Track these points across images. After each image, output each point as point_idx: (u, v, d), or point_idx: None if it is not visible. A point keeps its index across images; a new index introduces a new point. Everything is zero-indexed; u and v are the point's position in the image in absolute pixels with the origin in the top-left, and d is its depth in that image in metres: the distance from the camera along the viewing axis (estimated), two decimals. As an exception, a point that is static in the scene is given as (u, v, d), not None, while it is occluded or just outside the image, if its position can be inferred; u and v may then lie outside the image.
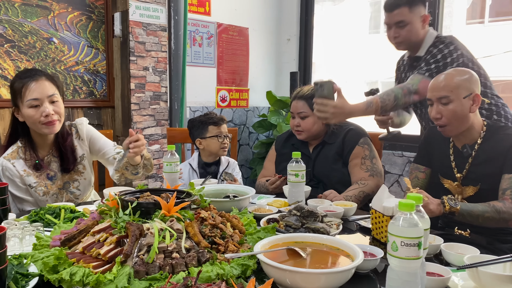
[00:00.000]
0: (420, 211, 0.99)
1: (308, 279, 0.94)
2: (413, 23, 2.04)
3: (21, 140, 1.82)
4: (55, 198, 1.86)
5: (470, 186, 1.76)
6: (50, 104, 1.74)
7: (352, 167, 2.08)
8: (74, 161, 1.90)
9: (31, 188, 1.80)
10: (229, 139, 2.36)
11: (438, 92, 1.69)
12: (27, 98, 1.70)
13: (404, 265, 0.90)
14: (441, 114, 1.69)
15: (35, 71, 1.78)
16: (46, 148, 1.87)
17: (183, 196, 1.26)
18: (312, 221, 1.33)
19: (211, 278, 0.96)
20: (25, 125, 1.79)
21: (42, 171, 1.83)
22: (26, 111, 1.71)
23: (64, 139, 1.87)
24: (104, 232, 1.09)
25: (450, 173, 1.81)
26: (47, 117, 1.71)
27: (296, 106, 2.15)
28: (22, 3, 2.57)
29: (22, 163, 1.79)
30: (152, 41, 2.91)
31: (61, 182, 1.90)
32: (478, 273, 1.02)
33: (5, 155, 1.79)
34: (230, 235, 1.15)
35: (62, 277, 0.95)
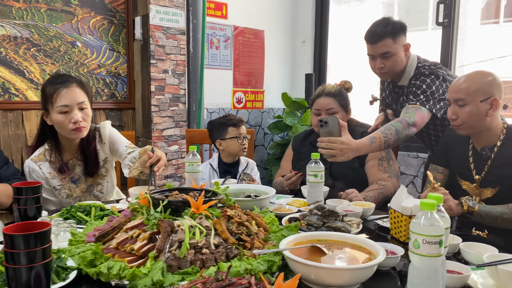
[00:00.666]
0: (441, 211, 1.02)
1: (332, 275, 0.98)
2: (397, 53, 2.07)
3: (48, 143, 1.88)
4: (78, 200, 1.91)
5: (489, 188, 1.77)
6: (79, 111, 1.79)
7: (369, 167, 2.11)
8: (96, 165, 1.95)
9: (55, 190, 1.87)
10: (248, 140, 2.41)
11: (455, 94, 1.71)
12: (57, 104, 1.75)
13: (425, 262, 0.94)
14: (457, 115, 1.72)
15: (67, 77, 1.84)
16: (71, 152, 1.92)
17: (209, 195, 1.32)
18: (333, 220, 1.37)
19: (240, 273, 1.01)
20: (53, 129, 1.85)
21: (67, 174, 1.89)
22: (56, 116, 1.77)
23: (89, 143, 1.92)
24: (136, 228, 1.15)
25: (469, 175, 1.83)
26: (76, 123, 1.77)
27: (324, 103, 2.18)
28: (48, 9, 2.67)
29: (48, 166, 1.85)
30: (172, 44, 2.98)
31: (85, 186, 1.95)
32: (497, 271, 1.06)
33: (32, 157, 1.85)
34: (255, 232, 1.20)
35: (101, 270, 1.01)
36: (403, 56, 2.11)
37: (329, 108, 2.16)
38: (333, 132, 1.76)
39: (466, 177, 1.85)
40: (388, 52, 2.06)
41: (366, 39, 2.13)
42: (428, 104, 1.99)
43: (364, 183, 2.10)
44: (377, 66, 2.12)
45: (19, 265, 0.86)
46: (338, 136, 1.76)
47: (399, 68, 2.12)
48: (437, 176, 2.00)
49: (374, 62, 2.13)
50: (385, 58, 2.08)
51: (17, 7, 2.56)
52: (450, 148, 1.95)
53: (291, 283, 0.87)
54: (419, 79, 2.07)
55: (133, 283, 0.98)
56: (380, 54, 2.08)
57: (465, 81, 1.71)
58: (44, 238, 0.89)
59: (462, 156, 1.87)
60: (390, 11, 11.83)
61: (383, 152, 2.13)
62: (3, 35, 2.53)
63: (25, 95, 2.63)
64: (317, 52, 4.17)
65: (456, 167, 1.90)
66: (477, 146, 1.82)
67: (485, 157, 1.78)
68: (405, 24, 2.12)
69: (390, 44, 2.05)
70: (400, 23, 2.09)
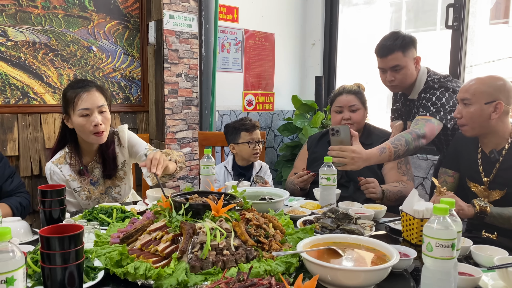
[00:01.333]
0: (453, 215, 1.07)
1: (348, 276, 1.02)
2: (407, 66, 2.11)
3: (68, 146, 1.94)
4: (96, 202, 1.97)
5: (497, 190, 1.81)
6: (99, 114, 1.85)
7: (388, 170, 2.16)
8: (115, 167, 2.01)
9: (75, 192, 1.93)
10: (261, 145, 2.45)
11: (463, 93, 1.78)
12: (78, 107, 1.82)
13: (438, 264, 0.98)
14: (461, 114, 1.77)
15: (87, 82, 1.91)
16: (91, 155, 1.99)
17: (228, 198, 1.37)
18: (346, 223, 1.42)
19: (260, 274, 1.05)
20: (73, 132, 1.91)
21: (86, 177, 1.95)
22: (77, 119, 1.84)
23: (108, 146, 1.98)
24: (159, 230, 1.21)
25: (477, 177, 1.87)
26: (96, 127, 1.83)
27: (346, 100, 2.24)
28: (65, 14, 2.74)
29: (68, 168, 1.91)
30: (184, 48, 3.04)
31: (103, 188, 2.01)
32: (507, 273, 1.09)
33: (53, 160, 1.92)
34: (273, 235, 1.25)
35: (128, 270, 1.06)
36: (413, 69, 2.14)
37: (352, 104, 2.23)
38: (344, 141, 1.79)
39: (475, 179, 1.88)
40: (398, 65, 2.10)
41: (376, 52, 2.17)
42: (438, 115, 2.02)
43: (381, 184, 2.15)
44: (388, 79, 2.16)
45: (54, 265, 0.92)
46: (349, 145, 1.78)
47: (409, 81, 2.16)
48: (447, 180, 2.04)
49: (384, 75, 2.17)
50: (395, 71, 2.12)
51: (36, 13, 2.63)
52: (460, 151, 1.98)
53: (310, 283, 0.92)
54: (428, 92, 2.10)
55: (159, 282, 1.04)
56: (390, 67, 2.12)
57: (475, 83, 1.77)
58: (77, 240, 0.94)
59: (471, 159, 1.91)
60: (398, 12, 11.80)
61: None
62: (22, 40, 2.60)
63: (43, 99, 2.71)
64: (326, 55, 4.21)
65: (466, 170, 1.94)
66: (486, 149, 1.86)
67: (493, 159, 1.81)
68: (415, 37, 2.15)
69: (400, 57, 2.09)
70: (410, 36, 2.13)
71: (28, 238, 1.43)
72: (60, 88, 2.76)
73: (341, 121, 2.23)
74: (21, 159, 2.60)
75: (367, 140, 2.23)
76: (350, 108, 2.23)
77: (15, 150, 2.57)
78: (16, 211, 1.94)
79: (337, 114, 2.26)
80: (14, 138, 2.57)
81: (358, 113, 2.23)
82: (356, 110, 2.23)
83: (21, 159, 2.60)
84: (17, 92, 2.61)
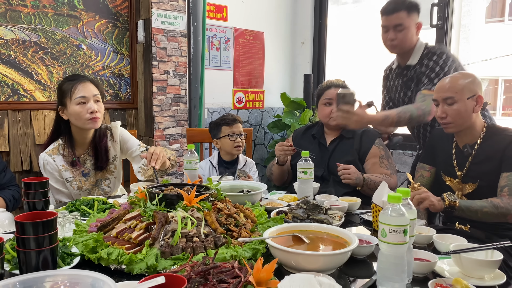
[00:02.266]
0: (409, 204, 1.13)
1: (309, 260, 1.09)
2: (409, 28, 2.21)
3: (62, 138, 2.04)
4: (87, 193, 2.05)
5: (470, 183, 1.88)
6: (94, 103, 1.97)
7: (370, 165, 2.23)
8: (106, 161, 2.10)
9: (67, 182, 2.01)
10: (243, 138, 2.51)
11: (444, 93, 1.81)
12: (75, 96, 1.93)
13: (391, 249, 1.04)
14: (446, 114, 1.81)
15: (82, 75, 2.06)
16: (83, 147, 2.07)
17: (202, 189, 1.43)
18: (316, 213, 1.48)
19: (226, 259, 1.12)
20: (67, 124, 2.01)
21: (78, 168, 2.03)
22: (74, 108, 1.94)
23: (100, 139, 2.08)
24: (134, 219, 1.27)
25: (452, 171, 1.94)
26: (92, 113, 1.94)
27: (335, 93, 2.28)
28: (55, 13, 2.79)
29: (61, 159, 2.00)
30: (173, 46, 3.09)
31: (94, 179, 2.09)
32: (461, 258, 1.16)
33: (47, 151, 2.01)
34: (243, 223, 1.31)
35: (101, 255, 1.13)
36: (414, 33, 2.24)
37: None
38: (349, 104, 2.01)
39: (449, 173, 1.95)
40: (401, 24, 2.20)
41: (382, 11, 2.27)
42: None
43: None
44: (389, 37, 2.24)
45: (29, 249, 0.98)
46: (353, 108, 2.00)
47: (409, 44, 2.25)
48: (424, 174, 2.11)
49: (386, 34, 2.26)
50: (398, 31, 2.21)
51: (25, 12, 2.68)
52: (436, 147, 2.05)
53: (269, 266, 0.98)
54: (431, 59, 2.18)
55: (130, 267, 1.10)
56: (394, 25, 2.21)
57: (451, 81, 1.82)
58: (51, 226, 1.00)
59: (446, 154, 1.97)
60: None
61: (382, 151, 2.25)
62: (12, 39, 2.66)
63: (33, 96, 2.76)
64: (316, 53, 4.27)
65: (441, 164, 2.01)
66: (460, 144, 1.92)
67: (466, 154, 1.88)
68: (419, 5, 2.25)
69: (404, 16, 2.19)
70: (416, 2, 2.23)
71: (12, 229, 1.49)
72: (50, 86, 2.82)
73: (330, 114, 2.30)
74: (11, 154, 2.66)
75: (348, 134, 2.30)
76: None
77: (5, 146, 2.63)
78: (9, 203, 2.03)
79: (326, 106, 2.33)
80: (4, 134, 2.63)
81: None
82: None
83: (11, 154, 2.66)
84: (7, 89, 2.67)
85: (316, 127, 2.46)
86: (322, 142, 2.35)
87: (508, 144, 1.78)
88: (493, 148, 1.82)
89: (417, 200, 1.62)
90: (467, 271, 1.15)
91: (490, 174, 1.81)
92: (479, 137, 1.86)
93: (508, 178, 1.76)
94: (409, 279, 1.12)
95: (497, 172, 1.80)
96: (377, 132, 2.34)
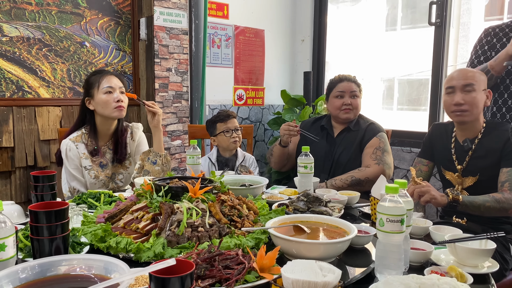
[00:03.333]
0: (406, 195, 1.17)
1: (310, 249, 1.13)
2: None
3: (85, 127, 2.13)
4: (102, 183, 2.13)
5: (470, 177, 1.93)
6: (120, 94, 2.08)
7: (364, 155, 2.30)
8: (124, 155, 2.19)
9: (86, 170, 2.08)
10: (239, 132, 2.54)
11: (464, 80, 1.86)
12: (103, 86, 2.05)
13: (389, 238, 1.09)
14: (464, 100, 1.86)
15: (107, 70, 2.20)
16: (105, 139, 2.16)
17: (206, 182, 1.47)
18: (317, 205, 1.52)
19: (230, 247, 1.16)
20: (92, 115, 2.11)
21: (97, 158, 2.11)
22: (101, 97, 2.05)
23: (122, 133, 2.17)
24: (141, 210, 1.31)
25: (451, 166, 1.99)
26: (118, 102, 2.05)
27: (348, 86, 2.37)
28: (58, 11, 2.83)
29: (83, 147, 2.09)
30: (175, 44, 3.13)
31: (110, 172, 2.17)
32: (455, 248, 1.21)
33: (70, 138, 2.09)
34: (246, 214, 1.35)
35: (110, 244, 1.17)
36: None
37: (353, 90, 2.37)
38: None
39: (449, 168, 2.01)
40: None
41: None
42: None
43: None
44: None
45: (42, 237, 1.02)
46: None
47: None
48: (422, 169, 2.16)
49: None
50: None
51: (29, 9, 2.72)
52: (435, 142, 2.10)
53: (272, 253, 1.03)
54: None
55: (138, 255, 1.15)
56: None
57: (471, 71, 1.89)
58: (62, 215, 1.05)
59: (445, 149, 2.03)
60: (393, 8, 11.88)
61: (382, 143, 2.30)
62: (17, 36, 2.70)
63: (38, 93, 2.80)
64: (315, 51, 4.31)
65: (441, 159, 2.06)
66: (460, 139, 1.98)
67: (466, 148, 1.93)
68: None
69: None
70: None
71: (21, 220, 1.54)
72: (54, 82, 2.86)
73: (341, 106, 2.35)
74: (16, 150, 2.70)
75: (355, 127, 2.37)
76: (351, 94, 2.37)
77: (10, 142, 2.67)
78: None
79: (338, 99, 2.38)
80: (9, 130, 2.67)
81: (357, 99, 2.38)
82: (356, 97, 2.37)
83: (16, 150, 2.70)
84: (12, 85, 2.71)
85: (324, 119, 2.51)
86: (331, 133, 2.43)
87: (507, 140, 1.84)
88: (492, 143, 1.88)
89: (418, 194, 1.67)
90: (462, 260, 1.20)
91: (489, 169, 1.86)
92: (479, 132, 1.92)
93: (508, 174, 1.81)
94: (406, 268, 1.16)
95: (496, 167, 1.85)
96: (381, 128, 2.40)
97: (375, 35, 11.07)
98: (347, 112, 2.36)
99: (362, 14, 8.95)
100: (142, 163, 2.10)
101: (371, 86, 10.51)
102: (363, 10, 9.24)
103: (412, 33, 11.65)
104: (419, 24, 11.53)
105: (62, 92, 2.90)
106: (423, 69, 9.95)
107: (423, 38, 10.12)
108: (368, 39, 10.83)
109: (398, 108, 11.88)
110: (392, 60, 10.63)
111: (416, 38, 11.83)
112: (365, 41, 11.08)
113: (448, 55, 3.39)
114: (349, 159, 2.32)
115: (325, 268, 0.90)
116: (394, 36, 11.39)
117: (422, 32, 11.48)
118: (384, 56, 10.73)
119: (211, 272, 0.99)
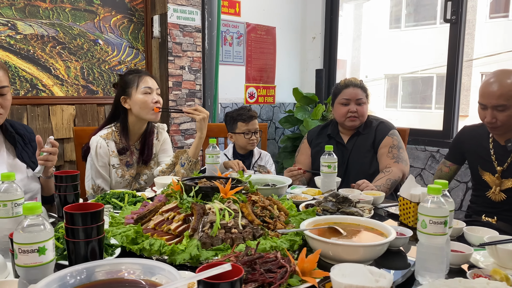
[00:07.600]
0: (446, 195, 1.14)
1: (348, 251, 1.10)
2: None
3: (115, 125, 2.10)
4: (126, 183, 2.10)
5: (510, 179, 1.89)
6: (157, 96, 2.08)
7: (380, 155, 2.25)
8: (150, 156, 2.17)
9: (113, 168, 2.06)
10: (259, 135, 2.51)
11: (495, 100, 1.78)
12: (142, 86, 2.04)
13: (431, 240, 1.06)
14: (496, 119, 1.80)
15: (144, 70, 2.20)
16: (133, 139, 2.14)
17: (234, 182, 1.45)
18: (346, 206, 1.49)
19: (266, 250, 1.13)
20: (125, 114, 2.08)
21: (124, 157, 2.09)
22: (139, 97, 2.03)
23: (149, 134, 2.16)
24: (171, 211, 1.29)
25: (490, 166, 1.94)
26: (156, 103, 2.05)
27: (354, 93, 2.30)
28: (72, 8, 2.80)
29: (113, 145, 2.06)
30: (188, 41, 3.10)
31: (135, 172, 2.14)
32: (497, 250, 1.17)
33: (101, 134, 2.06)
34: (277, 215, 1.33)
35: (144, 246, 1.14)
36: None
37: (359, 98, 2.30)
38: None
39: (487, 168, 1.95)
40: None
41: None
42: None
43: (377, 172, 2.22)
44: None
45: (78, 239, 1.00)
46: None
47: None
48: (443, 169, 2.15)
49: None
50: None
51: (43, 7, 2.69)
52: (465, 145, 2.06)
53: (313, 256, 1.00)
54: None
55: (172, 257, 1.12)
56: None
57: (499, 87, 1.77)
58: (98, 216, 1.02)
59: (483, 149, 1.97)
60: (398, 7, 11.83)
61: (395, 141, 2.26)
62: (31, 34, 2.67)
63: (51, 91, 2.78)
64: (327, 48, 4.27)
65: (477, 160, 2.00)
66: (500, 140, 1.92)
67: (509, 148, 1.88)
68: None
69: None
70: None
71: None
72: (68, 81, 2.83)
73: (347, 113, 2.29)
74: (30, 149, 2.68)
75: (364, 130, 2.32)
76: (357, 101, 2.29)
77: (24, 141, 2.64)
78: None
79: (343, 106, 2.32)
80: (23, 129, 2.64)
81: (363, 106, 2.30)
82: (362, 104, 2.30)
83: (30, 149, 2.68)
84: (26, 84, 2.68)
85: (330, 126, 2.46)
86: (339, 140, 2.36)
87: None
88: None
89: None
90: (503, 262, 1.17)
91: None
92: None
93: None
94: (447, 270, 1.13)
95: None
96: (392, 125, 2.36)
97: (381, 32, 11.04)
98: (353, 120, 2.29)
99: (369, 13, 8.91)
100: (175, 161, 2.09)
101: (375, 82, 10.49)
102: (371, 9, 9.20)
103: (417, 32, 11.64)
104: (422, 22, 11.49)
105: (75, 90, 2.88)
106: (433, 65, 9.90)
107: (426, 36, 10.08)
108: (375, 36, 10.79)
109: (402, 106, 11.87)
110: (396, 57, 10.59)
111: (420, 37, 11.80)
112: (372, 38, 11.04)
113: (464, 52, 3.35)
114: (362, 163, 2.28)
115: (375, 272, 0.87)
116: (397, 34, 11.36)
117: (425, 30, 11.43)
118: (388, 53, 10.70)
119: (254, 276, 0.96)
